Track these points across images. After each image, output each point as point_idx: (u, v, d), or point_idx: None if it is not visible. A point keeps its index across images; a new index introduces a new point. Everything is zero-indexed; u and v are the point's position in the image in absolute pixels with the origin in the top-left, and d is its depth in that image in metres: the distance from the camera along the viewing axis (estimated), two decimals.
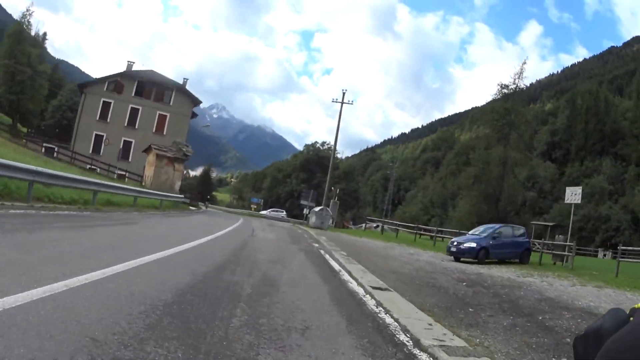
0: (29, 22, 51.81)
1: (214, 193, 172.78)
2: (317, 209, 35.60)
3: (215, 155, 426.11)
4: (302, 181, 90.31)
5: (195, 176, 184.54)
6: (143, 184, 30.79)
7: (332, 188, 43.67)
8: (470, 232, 21.05)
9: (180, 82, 48.41)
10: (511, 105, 44.63)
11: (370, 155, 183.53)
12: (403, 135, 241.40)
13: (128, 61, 48.75)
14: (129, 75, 46.53)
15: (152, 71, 48.19)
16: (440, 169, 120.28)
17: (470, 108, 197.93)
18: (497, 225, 20.65)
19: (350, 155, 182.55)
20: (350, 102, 44.63)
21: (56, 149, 44.38)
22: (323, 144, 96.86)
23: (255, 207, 65.94)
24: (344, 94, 44.42)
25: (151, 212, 20.21)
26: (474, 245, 17.88)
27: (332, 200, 41.12)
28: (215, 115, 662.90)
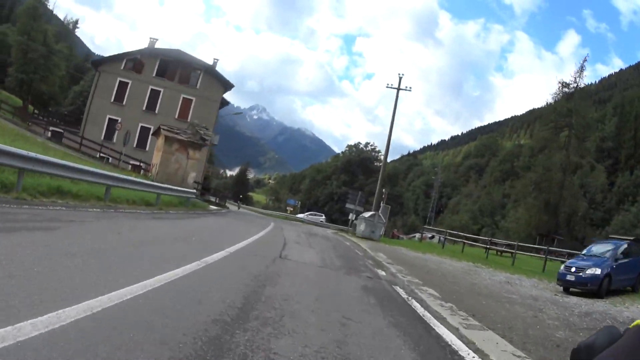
0: None
1: (250, 193, 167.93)
2: (367, 214, 27.96)
3: (254, 156, 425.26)
4: (343, 183, 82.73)
5: (232, 176, 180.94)
6: (149, 174, 23.97)
7: (384, 189, 35.79)
8: (583, 252, 15.73)
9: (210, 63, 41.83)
10: (574, 106, 41.37)
11: (411, 160, 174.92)
12: (442, 142, 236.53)
13: (151, 38, 42.55)
14: (150, 53, 40.27)
15: (178, 50, 41.77)
16: (484, 177, 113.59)
17: (510, 117, 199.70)
18: (619, 242, 15.51)
19: (389, 161, 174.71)
20: (408, 89, 36.64)
21: (64, 134, 38.90)
22: (367, 145, 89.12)
23: (292, 209, 58.59)
24: (400, 78, 36.66)
25: (134, 209, 13.20)
26: (598, 272, 13.21)
27: (382, 204, 33.35)
28: (255, 117, 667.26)
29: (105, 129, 37.61)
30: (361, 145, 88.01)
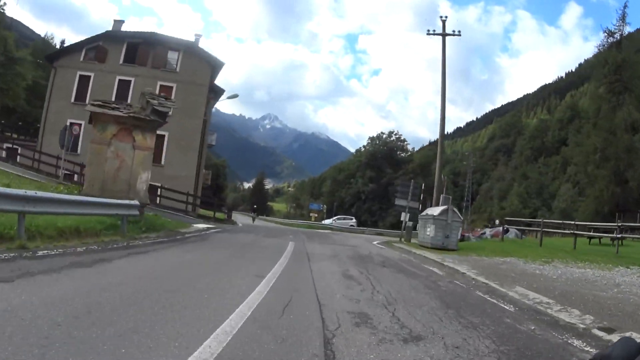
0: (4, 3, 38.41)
1: (269, 203, 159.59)
2: (435, 211, 18.06)
3: (271, 165, 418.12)
4: (370, 180, 72.78)
5: (250, 187, 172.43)
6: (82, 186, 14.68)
7: (444, 177, 25.77)
8: None
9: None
10: (625, 56, 36.40)
11: (433, 149, 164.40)
12: (459, 129, 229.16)
13: (115, 20, 33.65)
14: (114, 36, 31.30)
15: (151, 32, 32.62)
16: (513, 157, 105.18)
17: (522, 95, 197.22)
18: None
19: (417, 150, 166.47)
20: (457, 33, 26.79)
21: (19, 150, 30.57)
22: (390, 134, 78.96)
23: (316, 215, 48.68)
24: (443, 22, 26.84)
25: None
26: None
27: (442, 196, 23.38)
28: (268, 126, 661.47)
29: (67, 137, 28.59)
30: (384, 136, 77.86)
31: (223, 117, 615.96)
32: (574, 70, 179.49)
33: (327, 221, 46.04)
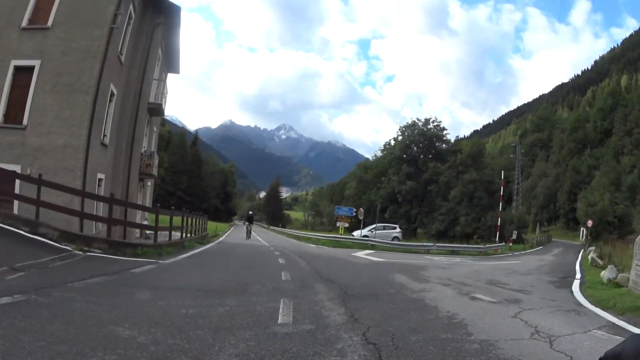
0: None
1: (286, 211, 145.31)
2: None
3: (288, 175, 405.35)
4: (407, 177, 57.40)
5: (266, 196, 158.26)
6: None
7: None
8: None
9: None
10: None
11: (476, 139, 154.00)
12: (475, 132, 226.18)
13: None
14: None
15: None
16: (552, 151, 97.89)
17: (537, 96, 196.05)
18: None
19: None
20: None
21: None
22: (427, 121, 63.48)
23: (348, 221, 32.83)
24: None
25: None
26: None
27: None
28: (283, 136, 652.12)
29: None
30: (420, 124, 62.35)
31: (239, 129, 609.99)
32: (589, 67, 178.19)
33: (360, 232, 30.85)
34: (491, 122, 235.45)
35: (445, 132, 61.57)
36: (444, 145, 61.31)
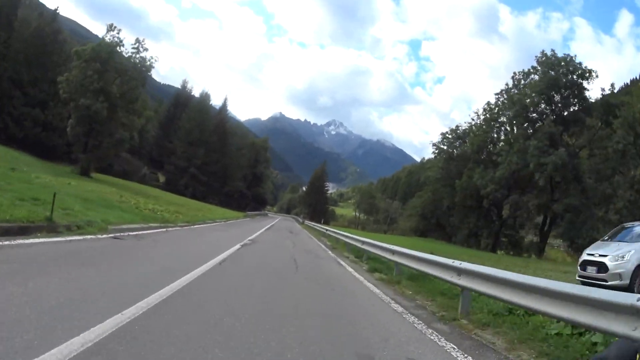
0: None
1: (332, 207, 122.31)
2: None
3: (335, 172, 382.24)
4: (551, 142, 31.67)
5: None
6: None
7: None
8: None
9: None
10: None
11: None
12: None
13: None
14: None
15: None
16: None
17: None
18: None
19: None
20: None
21: None
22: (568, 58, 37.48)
23: None
24: None
25: None
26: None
27: None
28: (333, 132, 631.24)
29: None
30: (552, 58, 36.64)
31: (289, 122, 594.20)
32: (629, 82, 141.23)
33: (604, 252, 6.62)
34: None
35: (592, 71, 35.48)
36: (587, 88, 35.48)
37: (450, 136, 47.35)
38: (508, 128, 39.36)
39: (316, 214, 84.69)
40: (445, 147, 46.90)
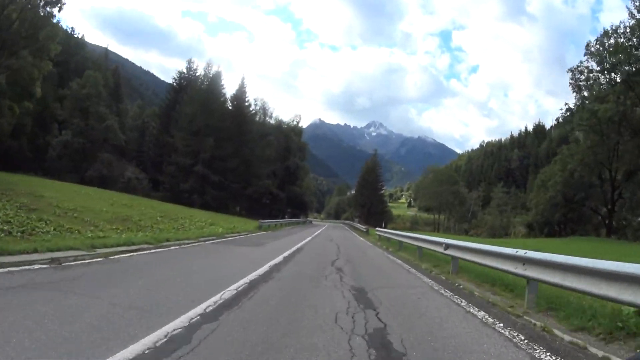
0: None
1: (387, 207, 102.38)
2: None
3: (379, 173, 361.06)
4: None
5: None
6: None
7: None
8: None
9: None
10: None
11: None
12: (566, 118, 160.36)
13: None
14: None
15: None
16: None
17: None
18: None
19: None
20: None
21: None
22: None
23: None
24: None
25: None
26: None
27: None
28: (373, 134, 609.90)
29: None
30: None
31: (329, 128, 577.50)
32: None
33: None
34: None
35: None
36: None
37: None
38: None
39: (371, 216, 64.61)
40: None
